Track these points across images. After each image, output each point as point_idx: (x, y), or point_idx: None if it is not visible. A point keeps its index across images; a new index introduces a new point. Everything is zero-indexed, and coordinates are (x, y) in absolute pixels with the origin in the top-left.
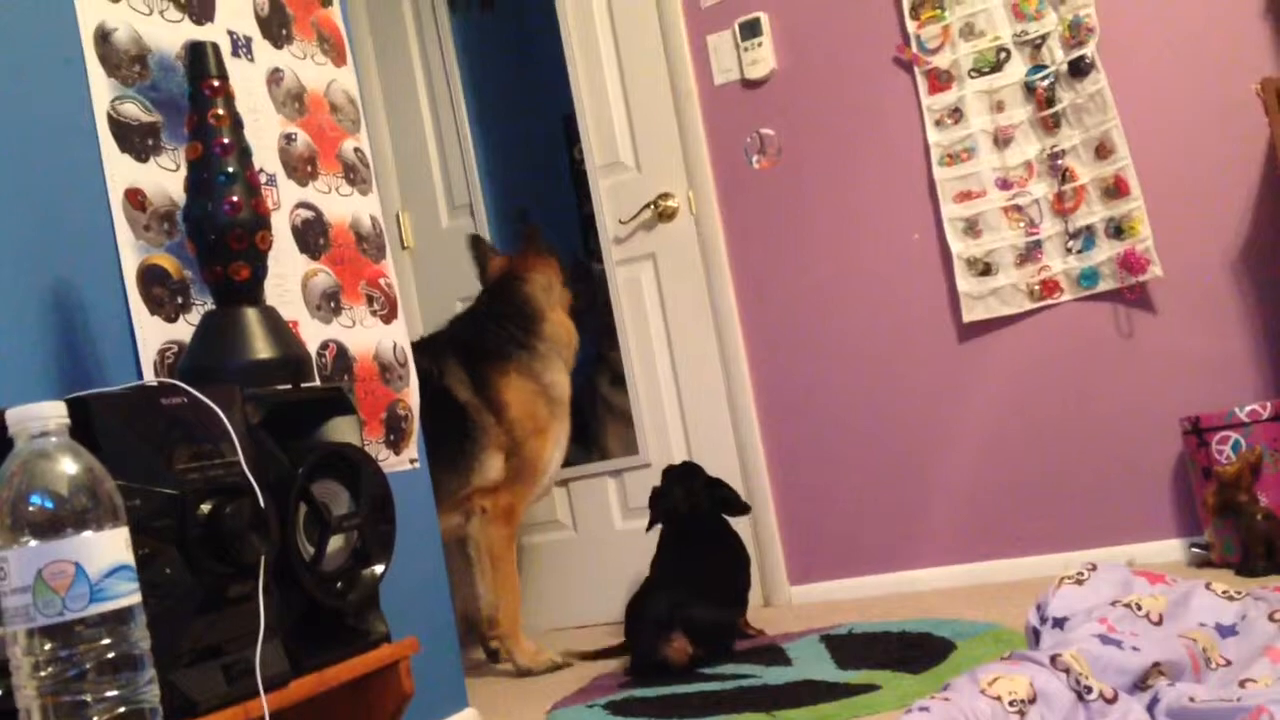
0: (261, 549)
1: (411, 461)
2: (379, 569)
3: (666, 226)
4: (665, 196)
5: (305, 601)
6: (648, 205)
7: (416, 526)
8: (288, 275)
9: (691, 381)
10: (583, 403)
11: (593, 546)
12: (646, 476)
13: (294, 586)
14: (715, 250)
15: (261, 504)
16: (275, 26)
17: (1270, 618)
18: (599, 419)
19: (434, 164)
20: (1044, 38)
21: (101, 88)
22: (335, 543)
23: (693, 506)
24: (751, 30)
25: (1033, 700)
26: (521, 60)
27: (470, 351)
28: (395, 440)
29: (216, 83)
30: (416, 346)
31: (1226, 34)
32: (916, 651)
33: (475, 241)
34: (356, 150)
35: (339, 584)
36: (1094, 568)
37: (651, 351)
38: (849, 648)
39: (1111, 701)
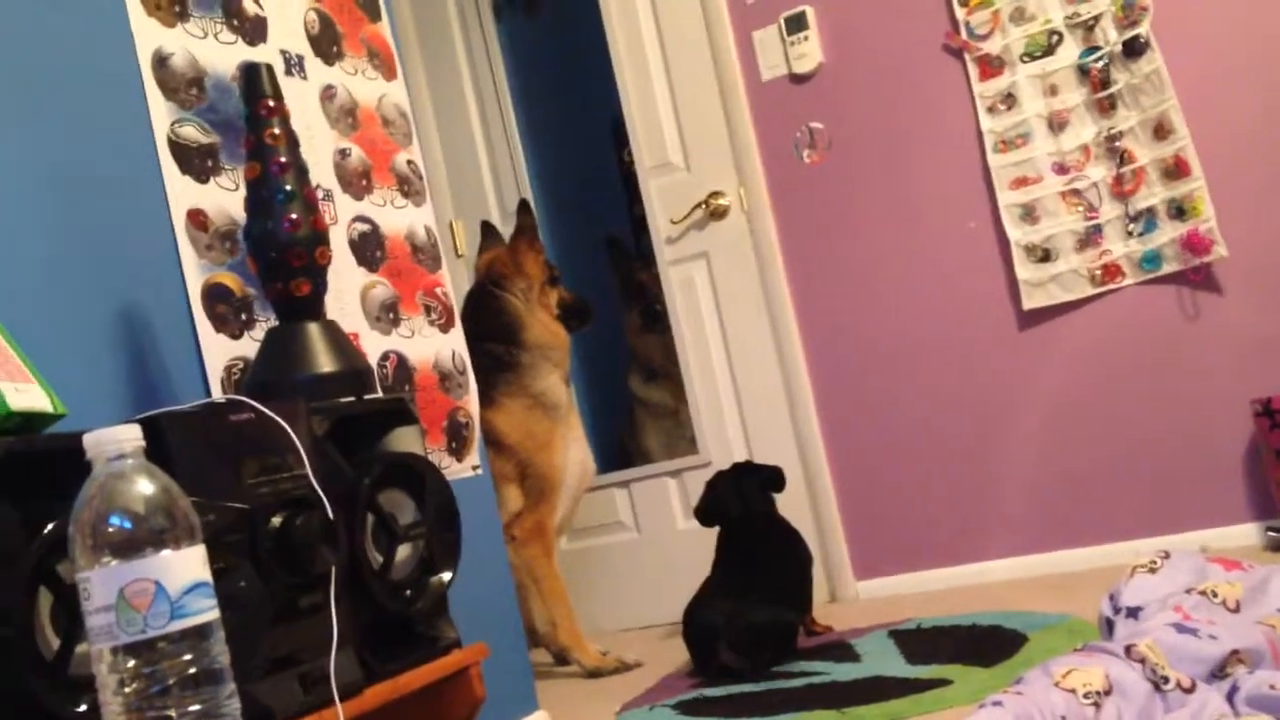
0: (332, 560)
1: (474, 468)
2: (446, 576)
3: (718, 225)
4: (716, 195)
5: (376, 610)
6: (699, 204)
7: (481, 532)
8: (347, 289)
9: (748, 379)
10: (617, 406)
11: (655, 547)
12: (706, 476)
13: (364, 596)
14: (768, 246)
15: (330, 515)
16: (326, 44)
17: None
18: (636, 421)
19: (485, 172)
20: (1096, 19)
21: (161, 111)
22: (403, 551)
23: (745, 507)
24: (797, 24)
25: (1108, 692)
26: (568, 64)
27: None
28: (457, 448)
29: (272, 103)
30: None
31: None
32: (987, 645)
33: (486, 229)
34: (409, 162)
35: (408, 592)
36: (1167, 555)
37: (708, 350)
38: (918, 642)
39: (1189, 691)
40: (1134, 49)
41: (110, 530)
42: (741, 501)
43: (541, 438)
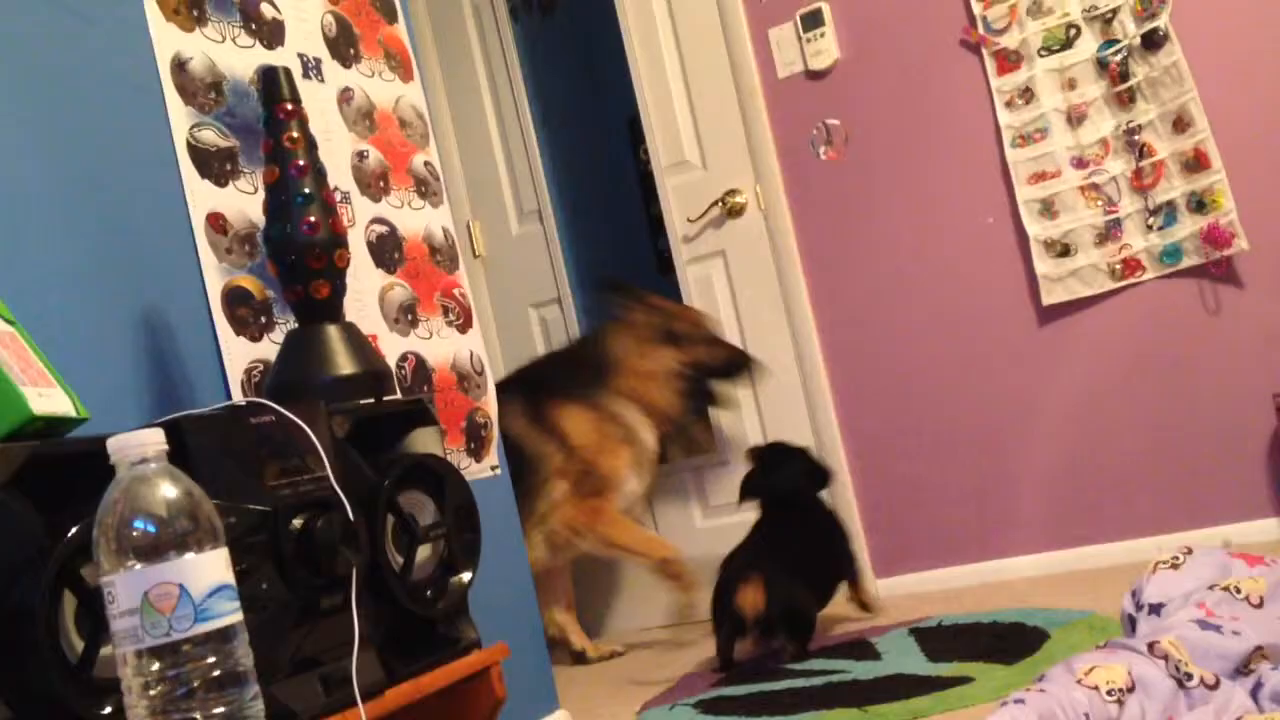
0: (353, 561)
1: (493, 469)
2: (467, 576)
3: (735, 223)
4: (733, 193)
5: (397, 611)
6: (715, 202)
7: (500, 532)
8: (365, 290)
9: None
10: None
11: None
12: (725, 474)
13: (385, 597)
14: (785, 244)
15: (351, 517)
16: (343, 46)
17: None
18: None
19: (502, 172)
20: (1114, 12)
21: (180, 116)
22: (423, 552)
23: (788, 488)
24: (813, 21)
25: (1131, 689)
26: (584, 64)
27: (534, 387)
28: (476, 448)
29: (290, 106)
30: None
31: None
32: (1009, 642)
33: (614, 286)
34: (426, 164)
35: (429, 593)
36: (1189, 551)
37: None
38: (939, 640)
39: (1213, 688)
40: (1153, 41)
41: (134, 534)
42: (787, 481)
43: (609, 444)
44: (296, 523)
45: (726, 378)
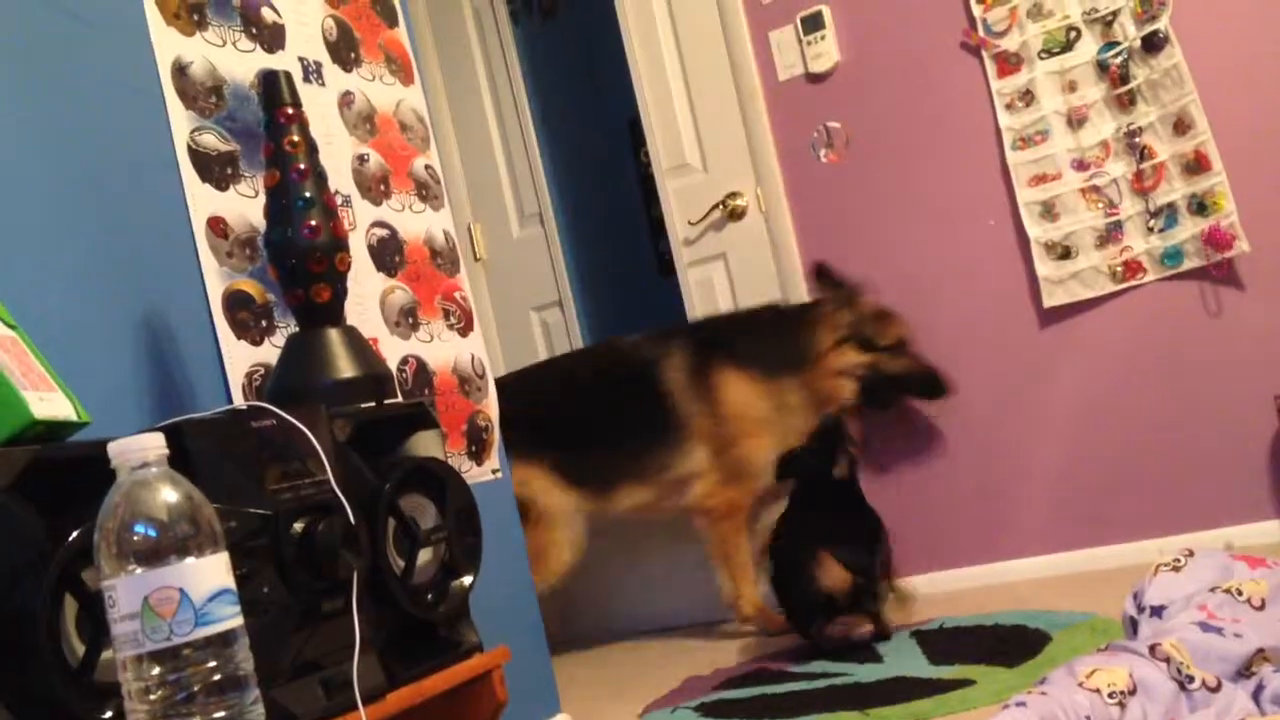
0: (354, 564)
1: (494, 472)
2: (468, 580)
3: (736, 226)
4: (734, 195)
5: (398, 615)
6: (716, 205)
7: (501, 536)
8: (366, 294)
9: None
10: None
11: (682, 550)
12: None
13: (386, 600)
14: (786, 247)
15: (352, 520)
16: (344, 50)
17: None
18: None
19: (503, 175)
20: (1115, 14)
21: (180, 120)
22: (424, 556)
23: (822, 468)
24: (814, 24)
25: (1133, 691)
26: (584, 67)
27: (706, 343)
28: (477, 451)
29: (291, 110)
30: (657, 333)
31: None
32: (1011, 644)
33: (825, 276)
34: (427, 167)
35: (430, 596)
36: (1191, 554)
37: None
38: (941, 642)
39: (1215, 690)
40: (1153, 44)
41: (135, 538)
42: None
43: (760, 429)
44: (298, 526)
45: (913, 394)
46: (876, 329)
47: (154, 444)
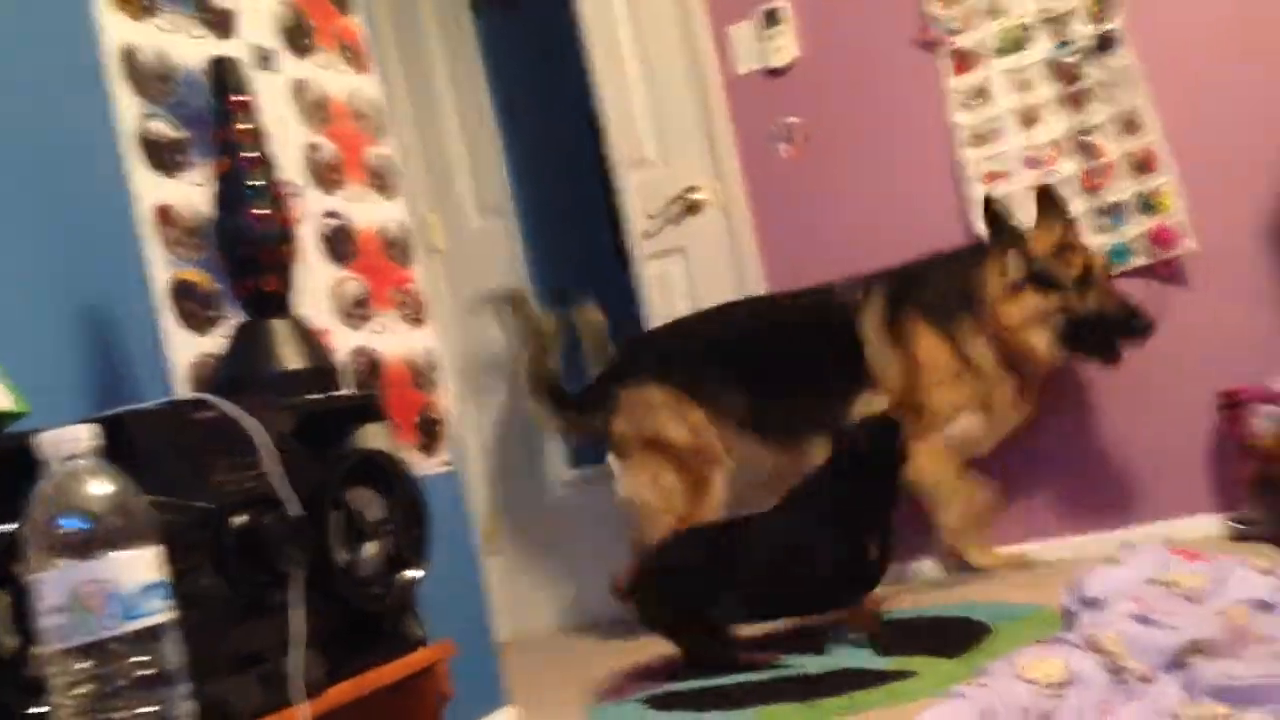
0: (297, 557)
1: (445, 464)
2: (414, 573)
3: (695, 219)
4: (692, 189)
5: (342, 608)
6: (675, 199)
7: (450, 529)
8: (317, 284)
9: None
10: None
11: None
12: None
13: (330, 594)
14: (745, 241)
15: (296, 513)
16: (297, 37)
17: None
18: None
19: (462, 165)
20: (1069, 14)
21: (129, 106)
22: (370, 549)
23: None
24: (773, 18)
25: (1068, 682)
26: (546, 57)
27: (901, 292)
28: (428, 444)
29: (240, 97)
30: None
31: (1258, 3)
32: (953, 636)
33: (992, 216)
34: (382, 156)
35: (375, 589)
36: (1130, 547)
37: None
38: (886, 634)
39: (1148, 681)
40: (1106, 44)
41: (62, 531)
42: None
43: (951, 379)
44: (240, 519)
45: (1110, 332)
46: (1057, 264)
47: (84, 435)
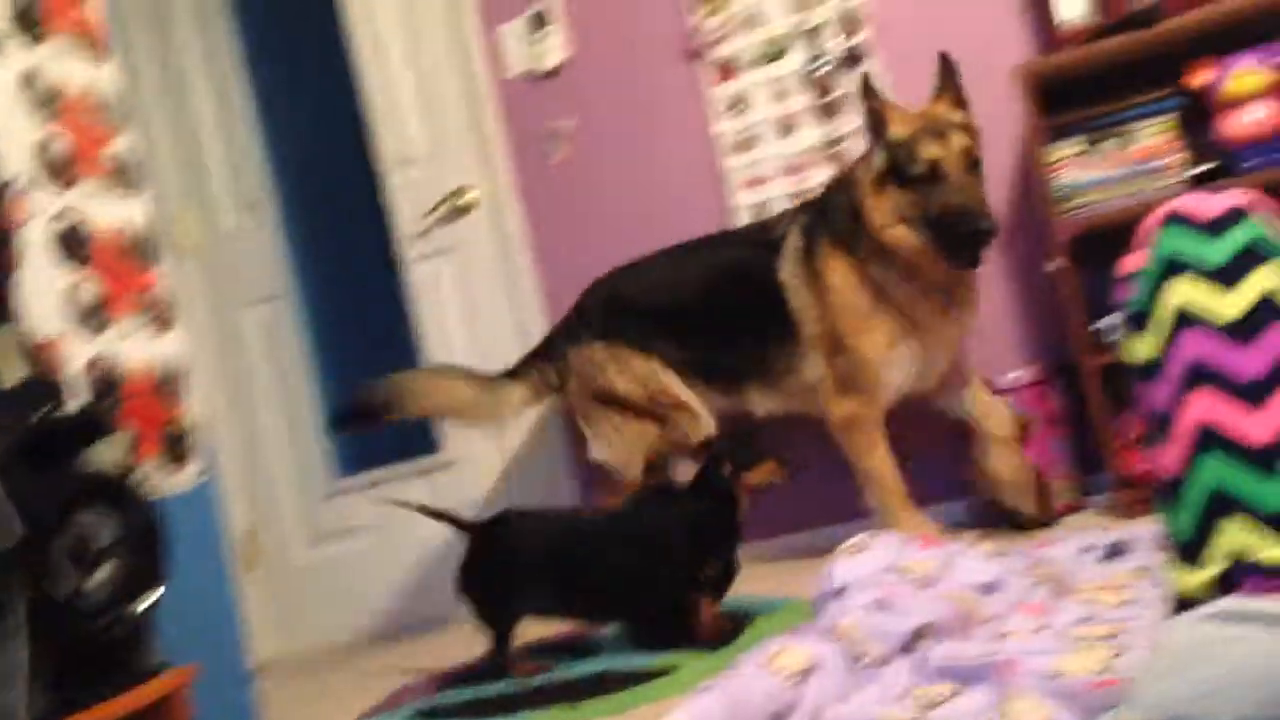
0: (17, 587)
1: (196, 477)
2: (148, 598)
3: (465, 221)
4: (462, 190)
5: (71, 638)
6: (444, 200)
7: (202, 544)
8: (48, 289)
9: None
10: None
11: (401, 552)
12: (453, 477)
13: (57, 623)
14: (516, 243)
15: (17, 539)
16: (28, 23)
17: (1025, 573)
18: None
19: (218, 160)
20: (820, 27)
21: None
22: (100, 574)
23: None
24: (541, 21)
25: (811, 670)
26: (311, 50)
27: (814, 222)
28: (177, 457)
29: None
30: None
31: (987, 24)
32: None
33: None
34: (123, 150)
35: (104, 618)
36: (873, 536)
37: (453, 347)
38: (648, 632)
39: (884, 664)
40: (853, 58)
41: None
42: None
43: (869, 318)
44: None
45: (956, 233)
46: (907, 156)
47: None
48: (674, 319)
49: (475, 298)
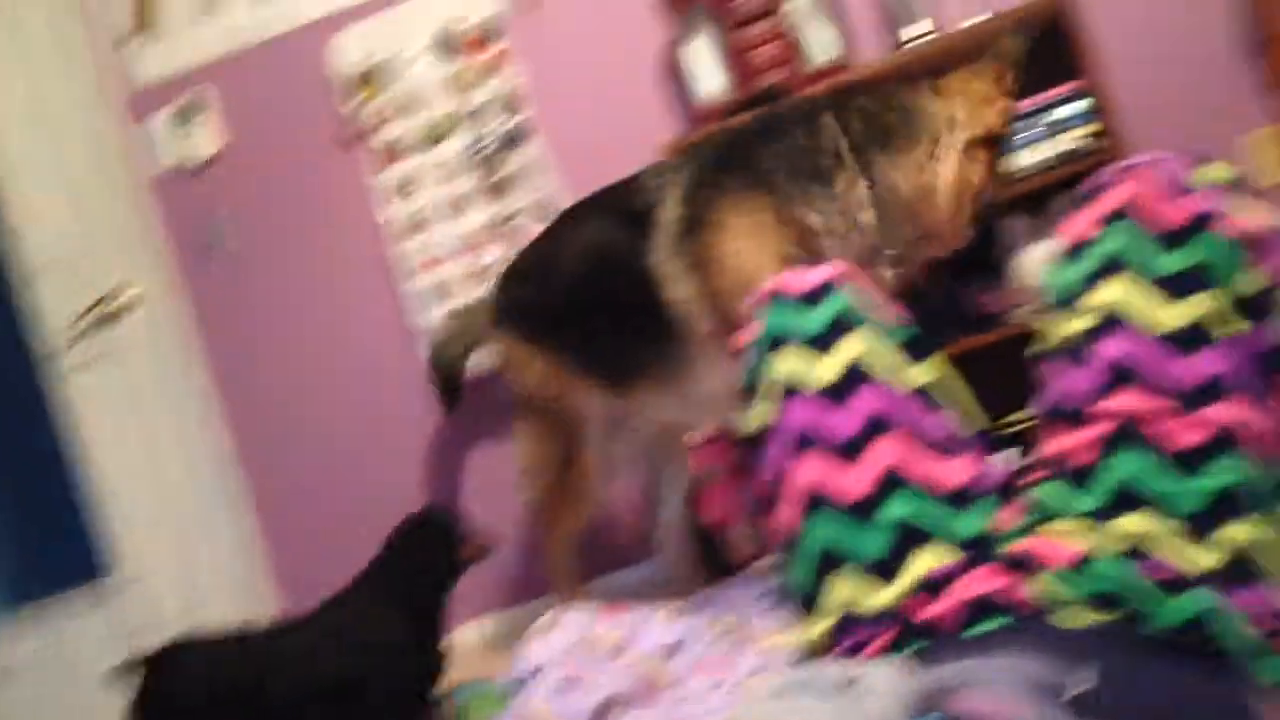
0: None
1: None
2: None
3: (123, 323)
4: (117, 291)
5: None
6: (97, 302)
7: None
8: None
9: (173, 479)
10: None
11: (60, 702)
12: (129, 598)
13: None
14: (180, 342)
15: None
16: None
17: (707, 629)
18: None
19: None
20: (480, 109)
21: None
22: None
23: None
24: (193, 111)
25: None
26: None
27: (710, 173)
28: None
29: None
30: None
31: (637, 103)
32: None
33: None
34: None
35: None
36: (563, 611)
37: (123, 456)
38: None
39: None
40: (515, 138)
41: None
42: None
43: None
44: None
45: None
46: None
47: None
48: (560, 302)
49: (143, 401)
